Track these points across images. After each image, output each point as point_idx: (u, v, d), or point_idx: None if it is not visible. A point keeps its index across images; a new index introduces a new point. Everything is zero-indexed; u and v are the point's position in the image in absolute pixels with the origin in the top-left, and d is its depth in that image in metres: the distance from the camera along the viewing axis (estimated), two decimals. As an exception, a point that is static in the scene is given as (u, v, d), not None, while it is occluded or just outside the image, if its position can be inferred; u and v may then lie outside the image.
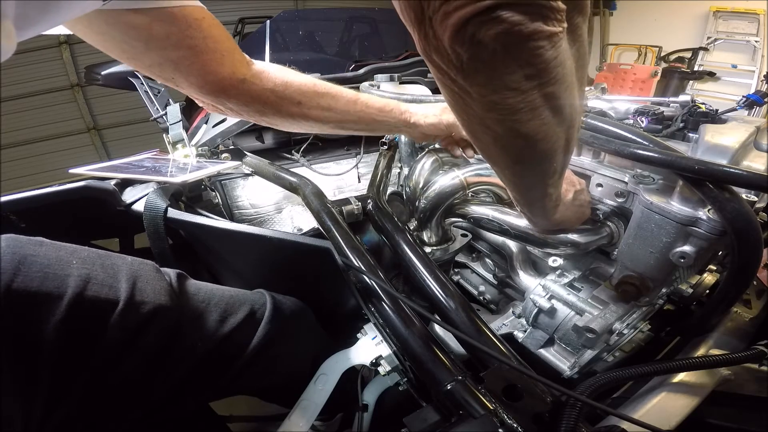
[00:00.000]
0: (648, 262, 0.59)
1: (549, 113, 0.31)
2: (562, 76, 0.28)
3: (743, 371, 0.57)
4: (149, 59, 0.47)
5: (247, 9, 4.77)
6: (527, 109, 0.30)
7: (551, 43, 0.25)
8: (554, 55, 0.26)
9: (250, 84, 0.57)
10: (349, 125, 0.70)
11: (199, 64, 0.50)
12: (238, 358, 0.56)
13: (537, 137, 0.34)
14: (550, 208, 0.54)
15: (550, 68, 0.27)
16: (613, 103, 0.82)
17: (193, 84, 0.52)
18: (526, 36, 0.24)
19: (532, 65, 0.26)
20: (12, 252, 0.42)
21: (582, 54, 0.30)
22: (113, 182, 0.81)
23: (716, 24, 4.10)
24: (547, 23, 0.24)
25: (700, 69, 4.24)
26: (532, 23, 0.24)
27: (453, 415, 0.41)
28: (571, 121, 0.34)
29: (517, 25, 0.24)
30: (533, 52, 0.25)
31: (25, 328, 0.40)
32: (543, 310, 0.64)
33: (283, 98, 0.61)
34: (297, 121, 0.65)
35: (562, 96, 0.30)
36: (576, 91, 0.32)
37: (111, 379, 0.47)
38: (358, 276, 0.60)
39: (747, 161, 0.55)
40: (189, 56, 0.48)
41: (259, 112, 0.61)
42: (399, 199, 0.97)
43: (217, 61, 0.51)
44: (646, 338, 0.65)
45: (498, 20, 0.23)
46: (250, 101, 0.58)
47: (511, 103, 0.30)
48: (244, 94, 0.57)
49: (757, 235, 0.48)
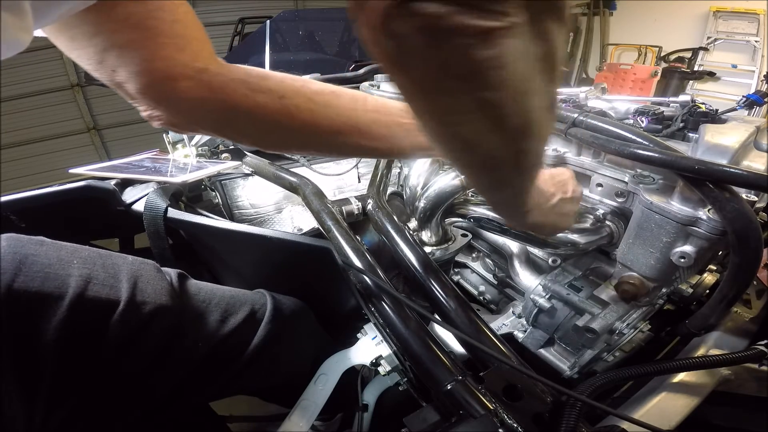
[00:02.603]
0: (648, 262, 0.59)
1: (488, 122, 0.27)
2: (504, 81, 0.24)
3: (743, 371, 0.57)
4: (93, 46, 0.37)
5: (247, 9, 4.76)
6: (460, 113, 0.27)
7: (485, 42, 0.21)
8: (491, 56, 0.22)
9: (212, 74, 0.41)
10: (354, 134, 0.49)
11: (151, 48, 0.38)
12: (238, 358, 0.56)
13: (475, 145, 0.30)
14: (517, 213, 0.48)
15: (484, 71, 0.23)
16: (613, 103, 0.82)
17: (133, 73, 0.38)
18: (446, 31, 0.21)
19: (460, 65, 0.23)
20: (13, 252, 0.42)
21: (550, 59, 0.26)
22: (113, 182, 0.81)
23: (716, 24, 4.10)
24: (480, 17, 0.20)
25: (700, 69, 4.24)
26: (456, 16, 0.20)
27: (453, 415, 0.41)
28: (522, 134, 0.29)
29: (436, 18, 0.20)
30: (458, 50, 0.22)
31: (27, 327, 0.40)
32: (543, 310, 0.64)
33: (259, 91, 0.43)
34: (280, 126, 0.45)
35: (506, 104, 0.26)
36: (535, 100, 0.27)
37: (112, 378, 0.47)
38: (358, 276, 0.60)
39: (747, 161, 0.55)
40: (141, 39, 0.37)
41: (222, 117, 0.43)
42: (399, 199, 0.97)
43: (176, 46, 0.39)
44: (646, 338, 0.65)
45: (413, 12, 0.20)
46: (208, 96, 0.41)
47: (442, 106, 0.27)
48: (202, 86, 0.40)
49: (757, 235, 0.48)
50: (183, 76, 0.40)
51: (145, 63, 0.38)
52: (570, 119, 0.65)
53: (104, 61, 0.38)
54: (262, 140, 0.49)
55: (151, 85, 0.39)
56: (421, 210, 0.75)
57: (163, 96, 0.40)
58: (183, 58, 0.40)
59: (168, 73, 0.39)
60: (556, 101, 0.30)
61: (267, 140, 0.49)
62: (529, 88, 0.26)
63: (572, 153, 0.70)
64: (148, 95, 0.40)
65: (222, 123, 0.44)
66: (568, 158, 0.70)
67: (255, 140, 0.49)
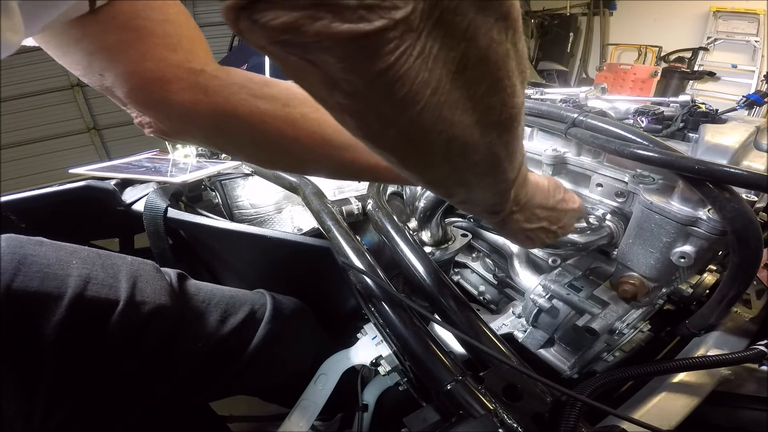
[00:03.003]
0: (648, 262, 0.59)
1: (402, 141, 0.23)
2: (408, 97, 0.19)
3: (743, 371, 0.57)
4: (80, 50, 0.34)
5: (247, 9, 4.76)
6: (370, 131, 0.23)
7: (364, 51, 0.16)
8: (379, 69, 0.17)
9: (208, 77, 0.37)
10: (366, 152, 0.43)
11: (140, 49, 0.34)
12: (238, 357, 0.56)
13: (398, 162, 0.27)
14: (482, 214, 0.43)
15: (378, 87, 0.18)
16: (613, 103, 0.82)
17: (121, 74, 0.35)
18: (308, 45, 0.16)
19: (345, 82, 0.18)
20: (12, 252, 0.42)
21: (480, 65, 0.20)
22: (113, 182, 0.81)
23: (716, 24, 4.10)
24: (347, 19, 0.15)
25: (700, 69, 4.24)
26: (314, 24, 0.15)
27: (453, 415, 0.41)
28: (448, 155, 0.25)
29: (286, 29, 0.15)
30: (333, 66, 0.17)
31: (26, 327, 0.40)
32: (543, 309, 0.64)
33: (261, 97, 0.39)
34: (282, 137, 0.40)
35: (418, 123, 0.21)
36: (458, 115, 0.22)
37: (111, 378, 0.47)
38: (358, 276, 0.60)
39: (747, 161, 0.55)
40: (130, 39, 0.34)
41: (216, 124, 0.39)
42: (399, 199, 0.97)
43: (167, 46, 0.36)
44: (646, 338, 0.65)
45: (259, 24, 0.16)
46: (202, 99, 0.37)
47: (349, 122, 0.23)
48: (196, 89, 0.37)
49: (757, 235, 0.48)
50: (175, 78, 0.36)
51: (133, 64, 0.35)
52: (570, 119, 0.65)
53: (92, 64, 0.35)
54: (260, 153, 0.43)
55: (139, 88, 0.36)
56: (421, 210, 0.75)
57: (153, 100, 0.37)
58: (175, 59, 0.36)
59: (158, 75, 0.36)
60: (499, 115, 0.24)
61: (265, 154, 0.43)
62: (445, 101, 0.21)
63: (572, 153, 0.70)
64: (137, 99, 0.37)
65: (215, 131, 0.40)
66: (568, 158, 0.70)
67: (252, 153, 0.43)
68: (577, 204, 0.52)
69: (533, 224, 0.46)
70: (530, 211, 0.44)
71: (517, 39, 0.21)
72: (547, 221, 0.47)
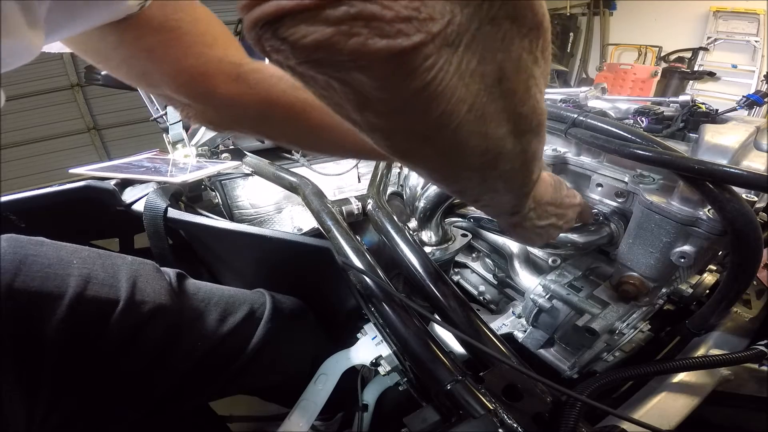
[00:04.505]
0: (648, 262, 0.59)
1: (439, 158, 0.23)
2: (445, 113, 0.18)
3: (743, 371, 0.57)
4: (119, 56, 0.36)
5: (247, 9, 4.76)
6: (404, 149, 0.23)
7: (402, 68, 0.15)
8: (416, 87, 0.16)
9: (249, 70, 0.39)
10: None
11: (181, 47, 0.36)
12: (237, 357, 0.56)
13: (433, 174, 0.27)
14: (497, 215, 0.44)
15: (413, 106, 0.18)
16: (613, 103, 0.82)
17: (167, 73, 0.37)
18: (340, 64, 0.15)
19: (379, 102, 0.18)
20: (13, 252, 0.42)
21: (511, 77, 0.20)
22: (113, 182, 0.81)
23: (716, 24, 4.10)
24: (384, 34, 0.14)
25: (700, 69, 4.24)
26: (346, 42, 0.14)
27: (453, 415, 0.41)
28: (482, 166, 0.25)
29: (317, 47, 0.14)
30: (366, 86, 0.16)
31: (27, 327, 0.40)
32: (543, 309, 0.64)
33: (299, 87, 0.36)
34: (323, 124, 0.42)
35: (454, 138, 0.21)
36: (493, 127, 0.22)
37: (111, 378, 0.47)
38: (358, 276, 0.60)
39: (747, 161, 0.55)
40: (168, 40, 0.36)
41: (262, 115, 0.41)
42: (399, 199, 0.97)
43: (205, 43, 0.37)
44: (646, 338, 0.65)
45: (286, 41, 0.14)
46: (247, 92, 0.39)
47: (380, 139, 0.22)
48: (239, 81, 0.39)
49: (757, 235, 0.48)
50: (218, 71, 0.38)
51: (176, 63, 0.37)
52: (570, 119, 0.65)
53: (133, 67, 0.38)
54: (303, 139, 0.45)
55: (186, 84, 0.38)
56: (421, 210, 0.75)
57: (200, 93, 0.39)
58: (214, 54, 0.38)
59: (201, 70, 0.38)
60: (530, 123, 0.24)
61: (309, 139, 0.45)
62: (481, 116, 0.20)
63: (572, 153, 0.70)
64: (185, 94, 0.39)
65: (261, 120, 0.41)
66: (568, 158, 0.70)
67: (296, 140, 0.46)
68: (578, 199, 0.53)
69: (544, 221, 0.46)
70: (542, 209, 0.45)
71: (545, 47, 0.21)
72: (555, 217, 0.48)
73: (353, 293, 0.60)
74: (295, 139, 0.45)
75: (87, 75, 1.78)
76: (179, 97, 0.39)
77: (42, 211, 0.73)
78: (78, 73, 4.26)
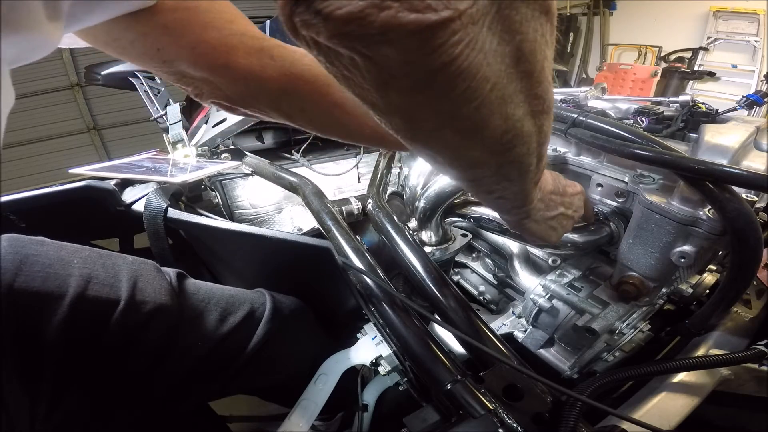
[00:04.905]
0: (648, 262, 0.59)
1: (458, 136, 0.23)
2: (467, 91, 0.19)
3: (743, 371, 0.57)
4: (131, 34, 0.35)
5: (247, 9, 4.71)
6: (424, 129, 0.23)
7: (429, 43, 0.16)
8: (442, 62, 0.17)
9: (271, 44, 0.38)
10: None
11: (201, 22, 0.35)
12: (237, 357, 0.56)
13: (451, 158, 0.27)
14: (509, 213, 0.44)
15: (438, 82, 0.18)
16: (613, 103, 0.82)
17: (185, 45, 0.36)
18: (371, 37, 0.16)
19: (404, 77, 0.18)
20: (14, 252, 0.42)
21: (527, 58, 0.21)
22: (113, 182, 0.81)
23: (716, 24, 4.10)
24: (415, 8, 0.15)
25: (700, 69, 4.24)
26: (380, 13, 0.15)
27: (453, 415, 0.41)
28: (502, 147, 0.25)
29: (351, 19, 0.15)
30: (394, 60, 0.17)
31: (28, 327, 0.41)
32: (543, 309, 0.64)
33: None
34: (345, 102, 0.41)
35: (475, 117, 0.21)
36: (511, 108, 0.23)
37: (112, 377, 0.47)
38: (358, 276, 0.60)
39: (747, 161, 0.55)
40: (186, 17, 0.35)
41: (283, 89, 0.39)
42: (399, 199, 0.97)
43: (225, 20, 0.37)
44: (646, 338, 0.65)
45: (320, 14, 0.15)
46: (269, 63, 0.38)
47: (399, 122, 0.23)
48: (262, 53, 0.37)
49: (757, 235, 0.48)
50: (240, 44, 0.37)
51: (197, 34, 0.35)
52: (570, 119, 0.65)
53: (147, 43, 0.36)
54: (323, 117, 0.42)
55: (205, 54, 0.36)
56: (421, 210, 0.75)
57: (219, 64, 0.37)
58: (237, 28, 0.37)
59: (223, 41, 0.36)
60: (544, 104, 0.25)
61: (328, 118, 0.42)
62: (502, 95, 0.21)
63: (572, 153, 0.70)
64: (203, 65, 0.37)
65: (280, 94, 0.39)
66: (568, 158, 0.70)
67: (315, 117, 0.42)
68: (578, 187, 0.53)
69: (553, 211, 0.46)
70: (548, 198, 0.45)
71: (553, 31, 0.22)
72: (563, 206, 0.48)
73: (353, 293, 0.60)
74: (313, 117, 0.43)
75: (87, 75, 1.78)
76: (196, 72, 0.37)
77: (42, 211, 0.73)
78: (78, 73, 4.26)
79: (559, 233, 0.50)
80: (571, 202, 0.50)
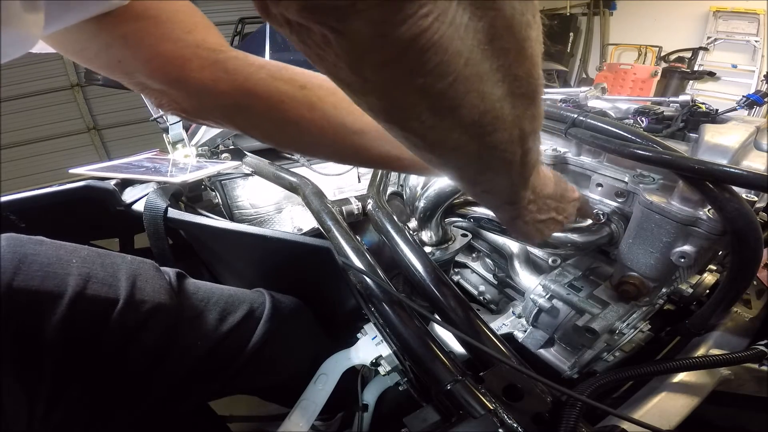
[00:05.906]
0: (648, 262, 0.59)
1: (435, 116, 0.23)
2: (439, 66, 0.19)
3: (743, 371, 0.57)
4: (96, 44, 0.36)
5: (247, 9, 4.76)
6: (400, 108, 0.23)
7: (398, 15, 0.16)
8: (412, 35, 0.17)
9: (227, 57, 0.38)
10: (381, 138, 0.44)
11: (158, 33, 0.36)
12: (237, 356, 0.56)
13: (430, 143, 0.26)
14: (499, 209, 0.44)
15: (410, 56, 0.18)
16: (613, 103, 0.82)
17: (142, 57, 0.36)
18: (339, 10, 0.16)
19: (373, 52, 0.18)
20: (12, 251, 0.42)
21: (504, 35, 0.20)
22: (113, 182, 0.81)
23: (716, 24, 4.10)
24: None
25: (700, 69, 4.24)
26: None
27: (453, 415, 0.41)
28: (481, 129, 0.25)
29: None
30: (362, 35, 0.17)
31: (27, 326, 0.41)
32: (543, 309, 0.64)
33: (279, 78, 0.40)
34: (300, 118, 0.41)
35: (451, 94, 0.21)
36: (489, 87, 0.22)
37: (111, 376, 0.47)
38: (358, 276, 0.60)
39: (747, 161, 0.55)
40: (146, 27, 0.35)
41: (236, 103, 0.39)
42: (399, 199, 0.97)
43: (183, 29, 0.37)
44: (646, 338, 0.65)
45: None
46: (223, 77, 0.38)
47: (376, 102, 0.22)
48: (215, 66, 0.38)
49: (757, 235, 0.48)
50: (194, 56, 0.37)
51: (152, 47, 0.36)
52: (570, 119, 0.65)
53: (110, 55, 0.36)
54: (277, 134, 0.43)
55: (160, 67, 0.37)
56: (421, 210, 0.75)
57: (173, 78, 0.37)
58: (192, 39, 0.37)
59: (177, 54, 0.37)
60: (527, 86, 0.25)
61: (282, 134, 0.43)
62: (477, 72, 0.21)
63: (572, 153, 0.70)
64: (158, 79, 0.38)
65: (235, 110, 0.40)
66: (568, 158, 0.70)
67: (269, 134, 0.43)
68: (577, 194, 0.53)
69: (544, 215, 0.46)
70: (542, 201, 0.45)
71: (535, 11, 0.22)
72: (555, 212, 0.48)
73: (353, 293, 0.60)
74: (268, 133, 0.43)
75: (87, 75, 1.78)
76: (153, 83, 0.38)
77: (42, 211, 0.73)
78: (78, 73, 4.27)
79: (544, 235, 0.50)
80: (564, 208, 0.50)
